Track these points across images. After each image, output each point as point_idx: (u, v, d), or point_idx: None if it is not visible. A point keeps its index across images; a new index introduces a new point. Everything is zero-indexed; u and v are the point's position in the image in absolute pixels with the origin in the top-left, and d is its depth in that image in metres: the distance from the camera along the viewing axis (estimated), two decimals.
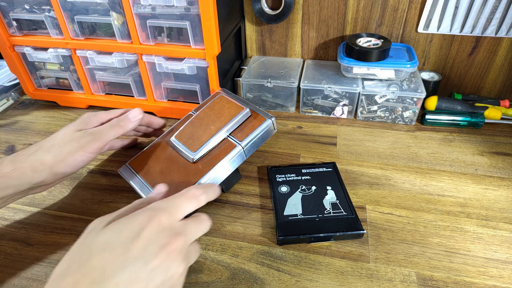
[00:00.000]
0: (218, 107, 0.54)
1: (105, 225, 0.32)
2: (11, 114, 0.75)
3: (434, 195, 0.53)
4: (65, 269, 0.29)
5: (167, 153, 0.53)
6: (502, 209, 0.51)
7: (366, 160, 0.60)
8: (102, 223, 0.32)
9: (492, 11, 0.66)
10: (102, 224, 0.32)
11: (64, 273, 0.29)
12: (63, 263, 0.30)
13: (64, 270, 0.29)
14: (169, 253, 0.30)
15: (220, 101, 0.55)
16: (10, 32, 0.68)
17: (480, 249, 0.45)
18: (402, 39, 0.74)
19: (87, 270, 0.28)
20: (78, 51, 0.67)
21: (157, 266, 0.30)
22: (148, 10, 0.59)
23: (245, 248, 0.46)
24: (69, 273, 0.28)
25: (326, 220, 0.47)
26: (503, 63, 0.72)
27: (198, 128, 0.52)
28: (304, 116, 0.72)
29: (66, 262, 0.30)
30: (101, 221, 0.33)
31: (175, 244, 0.31)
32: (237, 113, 0.52)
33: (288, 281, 0.42)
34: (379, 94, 0.67)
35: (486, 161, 0.60)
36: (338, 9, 0.73)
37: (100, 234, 0.31)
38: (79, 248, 0.31)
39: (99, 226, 0.32)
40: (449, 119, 0.67)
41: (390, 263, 0.44)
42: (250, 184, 0.56)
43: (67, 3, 0.62)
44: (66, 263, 0.30)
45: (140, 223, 0.31)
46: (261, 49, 0.82)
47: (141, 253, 0.29)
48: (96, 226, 0.32)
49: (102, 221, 0.33)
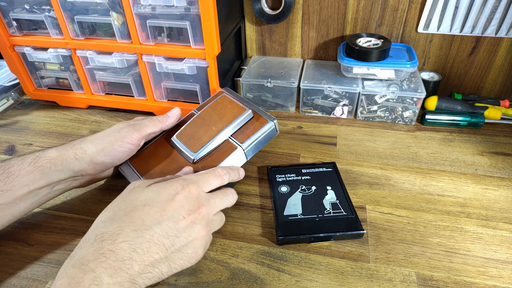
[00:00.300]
0: (221, 107, 0.54)
1: (146, 186, 0.38)
2: (11, 114, 0.75)
3: (434, 195, 0.53)
4: (111, 216, 0.35)
5: (167, 152, 0.52)
6: (502, 209, 0.51)
7: (366, 160, 0.60)
8: (144, 184, 0.38)
9: (492, 11, 0.66)
10: (144, 185, 0.38)
11: (111, 218, 0.34)
12: (108, 211, 0.36)
13: (110, 217, 0.35)
14: (194, 217, 0.36)
15: (222, 101, 0.54)
16: (10, 32, 0.68)
17: (480, 249, 0.45)
18: (402, 39, 0.74)
19: (130, 219, 0.34)
20: (78, 51, 0.67)
21: (183, 226, 0.36)
22: (148, 10, 0.59)
23: (245, 248, 0.46)
24: (115, 219, 0.34)
25: (326, 220, 0.47)
26: (503, 63, 0.72)
27: (200, 128, 0.52)
28: (304, 116, 0.72)
29: (112, 211, 0.36)
30: (143, 183, 0.39)
31: (199, 211, 0.37)
32: (239, 114, 0.52)
33: (288, 281, 0.42)
34: (379, 94, 0.67)
35: (486, 161, 0.60)
36: (338, 9, 0.73)
37: (143, 192, 0.37)
38: (123, 201, 0.36)
39: (141, 186, 0.38)
40: (449, 119, 0.67)
41: (390, 263, 0.44)
42: (250, 184, 0.56)
43: (67, 3, 0.62)
44: (112, 211, 0.35)
45: (175, 188, 0.37)
46: (261, 49, 0.82)
47: (173, 213, 0.35)
48: (137, 186, 0.38)
49: (143, 183, 0.39)
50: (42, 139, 0.67)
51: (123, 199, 0.37)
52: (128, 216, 0.34)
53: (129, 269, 0.31)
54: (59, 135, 0.68)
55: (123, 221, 0.34)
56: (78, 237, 0.48)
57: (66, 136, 0.68)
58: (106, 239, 0.32)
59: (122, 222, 0.34)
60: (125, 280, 0.31)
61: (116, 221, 0.34)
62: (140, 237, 0.33)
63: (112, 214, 0.35)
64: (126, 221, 0.34)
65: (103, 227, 0.34)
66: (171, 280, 0.42)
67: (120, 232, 0.33)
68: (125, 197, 0.37)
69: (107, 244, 0.32)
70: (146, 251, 0.33)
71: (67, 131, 0.69)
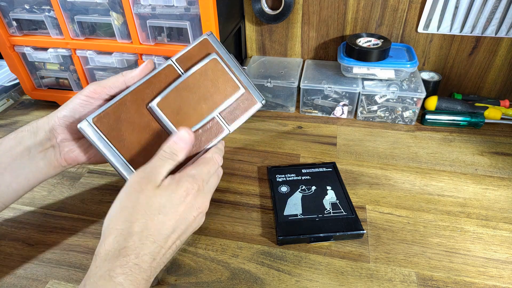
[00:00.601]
0: (212, 77, 0.46)
1: (155, 187, 0.37)
2: (11, 114, 0.75)
3: (434, 195, 0.53)
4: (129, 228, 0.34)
5: (146, 121, 0.44)
6: (502, 209, 0.51)
7: (366, 160, 0.60)
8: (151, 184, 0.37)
9: (492, 11, 0.66)
10: (151, 184, 0.37)
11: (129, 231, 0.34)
12: (123, 221, 0.35)
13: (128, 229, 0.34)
14: (201, 212, 0.39)
15: (214, 68, 0.46)
16: (10, 32, 0.68)
17: (480, 249, 0.45)
18: (402, 39, 0.74)
19: (148, 231, 0.35)
20: (78, 51, 0.67)
21: (191, 222, 0.38)
22: (148, 10, 0.60)
23: (245, 248, 0.46)
24: (134, 232, 0.34)
25: (326, 220, 0.47)
26: (503, 63, 0.72)
27: (187, 101, 0.45)
28: (304, 116, 0.72)
29: (128, 222, 0.35)
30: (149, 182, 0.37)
31: (205, 204, 0.39)
32: (233, 94, 0.47)
33: (288, 281, 0.42)
34: (379, 94, 0.67)
35: (486, 161, 0.60)
36: (338, 9, 0.73)
37: (155, 198, 0.36)
38: (136, 207, 0.35)
39: (150, 186, 0.37)
40: (449, 119, 0.67)
41: (390, 263, 0.44)
42: (250, 184, 0.56)
43: (67, 3, 0.62)
44: (128, 223, 0.35)
45: (185, 190, 0.37)
46: (261, 49, 0.82)
47: (182, 215, 0.37)
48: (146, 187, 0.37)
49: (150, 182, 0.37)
50: None
51: (134, 204, 0.36)
52: (145, 227, 0.35)
53: (148, 277, 0.34)
54: None
55: (142, 234, 0.34)
56: (78, 237, 0.48)
57: None
58: (130, 254, 0.33)
59: (141, 235, 0.34)
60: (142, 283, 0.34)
61: (135, 234, 0.34)
62: (159, 247, 0.35)
63: (128, 225, 0.35)
64: (145, 233, 0.35)
65: (123, 240, 0.34)
66: (171, 280, 0.42)
67: (142, 246, 0.34)
68: (136, 203, 0.36)
69: (132, 259, 0.33)
70: (164, 257, 0.36)
71: None
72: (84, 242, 0.47)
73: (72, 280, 0.43)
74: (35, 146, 0.45)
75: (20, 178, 0.44)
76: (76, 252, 0.46)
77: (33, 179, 0.46)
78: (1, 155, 0.43)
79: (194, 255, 0.45)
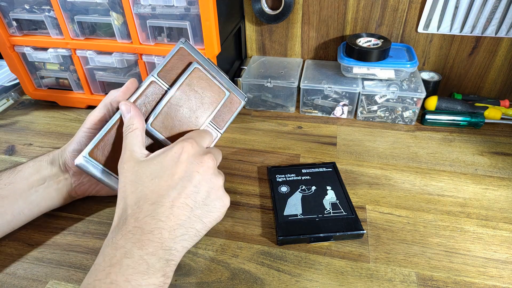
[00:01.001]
0: (198, 87, 0.46)
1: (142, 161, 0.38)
2: (11, 114, 0.75)
3: (434, 195, 0.53)
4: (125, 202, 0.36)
5: None
6: (502, 209, 0.51)
7: (366, 160, 0.60)
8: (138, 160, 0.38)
9: (492, 11, 0.66)
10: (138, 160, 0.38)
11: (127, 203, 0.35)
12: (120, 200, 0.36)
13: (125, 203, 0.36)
14: (206, 168, 0.38)
15: (198, 78, 0.46)
16: (10, 32, 0.68)
17: (480, 249, 0.45)
18: (402, 39, 0.74)
19: (145, 196, 0.35)
20: (78, 51, 0.67)
21: (199, 180, 0.37)
22: (148, 10, 0.60)
23: (245, 248, 0.46)
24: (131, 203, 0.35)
25: (326, 220, 0.47)
26: (503, 63, 0.72)
27: (179, 116, 0.45)
28: (304, 116, 0.72)
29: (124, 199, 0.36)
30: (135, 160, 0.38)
31: (208, 161, 0.38)
32: (220, 100, 0.48)
33: (288, 281, 0.42)
34: (379, 94, 0.67)
35: (486, 161, 0.60)
36: (338, 9, 0.73)
37: (145, 168, 0.37)
38: (130, 184, 0.37)
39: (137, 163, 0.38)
40: (449, 119, 0.67)
41: (390, 263, 0.44)
42: (250, 184, 0.56)
43: (67, 3, 0.62)
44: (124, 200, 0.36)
45: (176, 151, 0.37)
46: (261, 49, 0.82)
47: (184, 173, 0.36)
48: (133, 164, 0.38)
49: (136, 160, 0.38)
50: (42, 139, 0.67)
51: (127, 183, 0.37)
52: (142, 194, 0.35)
53: (159, 238, 0.33)
54: (59, 135, 0.68)
55: (139, 200, 0.35)
56: (78, 237, 0.48)
57: (66, 136, 0.68)
58: (129, 219, 0.34)
59: (138, 201, 0.35)
60: (158, 249, 0.33)
61: (132, 204, 0.35)
62: (160, 207, 0.34)
63: (125, 201, 0.36)
64: (142, 199, 0.35)
65: (123, 212, 0.35)
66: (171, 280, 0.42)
67: (140, 210, 0.34)
68: (129, 181, 0.37)
69: (131, 223, 0.34)
70: (172, 216, 0.35)
71: (67, 131, 0.69)
72: (84, 242, 0.47)
73: (72, 280, 0.43)
74: (51, 176, 0.46)
75: (32, 205, 0.46)
76: (76, 252, 0.46)
77: (44, 207, 0.47)
78: (19, 181, 0.45)
79: (194, 255, 0.45)
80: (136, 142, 0.39)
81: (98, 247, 0.46)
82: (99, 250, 0.45)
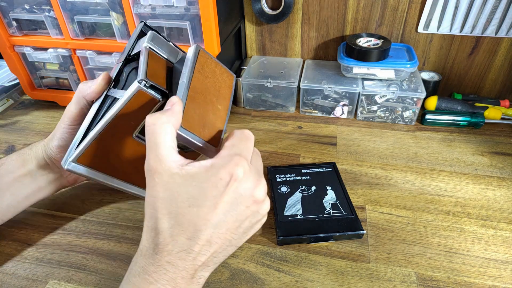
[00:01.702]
0: (210, 72, 0.40)
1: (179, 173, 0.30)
2: (11, 114, 0.75)
3: (434, 195, 0.53)
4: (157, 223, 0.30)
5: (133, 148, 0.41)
6: (502, 209, 0.51)
7: (366, 160, 0.60)
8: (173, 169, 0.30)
9: (492, 11, 0.66)
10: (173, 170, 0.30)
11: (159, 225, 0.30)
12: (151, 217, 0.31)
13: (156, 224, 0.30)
14: (256, 200, 0.31)
15: (207, 63, 0.40)
16: (10, 32, 0.68)
17: (480, 249, 0.45)
18: (402, 39, 0.74)
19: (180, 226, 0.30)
20: (78, 51, 0.67)
21: (246, 215, 0.31)
22: (148, 10, 0.59)
23: (245, 248, 0.46)
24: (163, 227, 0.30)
25: (326, 220, 0.47)
26: (503, 63, 0.71)
27: (204, 108, 0.38)
28: (304, 116, 0.72)
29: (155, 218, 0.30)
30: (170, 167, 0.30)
31: (258, 188, 0.31)
32: (232, 82, 0.42)
33: (288, 281, 0.42)
34: (379, 94, 0.67)
35: (486, 161, 0.60)
36: (338, 9, 0.73)
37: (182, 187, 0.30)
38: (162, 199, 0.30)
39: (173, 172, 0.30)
40: (449, 119, 0.67)
41: (390, 263, 0.44)
42: None
43: (67, 3, 0.62)
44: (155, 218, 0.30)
45: (222, 177, 0.30)
46: (261, 49, 0.82)
47: (230, 207, 0.30)
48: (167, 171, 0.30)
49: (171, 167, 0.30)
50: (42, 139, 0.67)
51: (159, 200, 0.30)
52: (177, 221, 0.30)
53: (191, 274, 0.31)
54: None
55: (173, 229, 0.30)
56: (78, 237, 0.48)
57: None
58: (162, 251, 0.30)
59: (172, 229, 0.30)
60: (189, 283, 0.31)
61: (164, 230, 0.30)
62: (196, 244, 0.30)
63: (156, 222, 0.30)
64: (176, 229, 0.30)
65: (155, 237, 0.30)
66: None
67: (175, 243, 0.30)
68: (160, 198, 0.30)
69: (164, 256, 0.30)
70: (207, 251, 0.31)
71: None
72: (84, 242, 0.47)
73: (72, 280, 0.43)
74: (38, 169, 0.46)
75: (20, 197, 0.45)
76: (76, 252, 0.46)
77: (33, 198, 0.47)
78: (4, 175, 0.44)
79: None
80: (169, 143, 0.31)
81: (98, 247, 0.46)
82: (99, 251, 0.45)
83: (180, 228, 0.30)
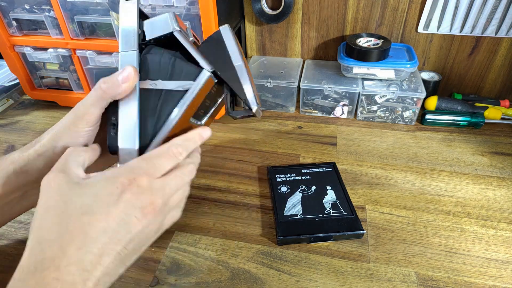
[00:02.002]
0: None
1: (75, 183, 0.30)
2: (11, 114, 0.75)
3: (434, 195, 0.53)
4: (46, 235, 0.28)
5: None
6: (502, 209, 0.51)
7: (366, 160, 0.60)
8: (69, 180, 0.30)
9: (492, 11, 0.66)
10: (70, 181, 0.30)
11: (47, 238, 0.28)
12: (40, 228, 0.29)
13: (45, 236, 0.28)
14: (149, 214, 0.31)
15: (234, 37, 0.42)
16: (10, 32, 0.68)
17: (480, 249, 0.45)
18: (402, 39, 0.74)
19: (70, 236, 0.28)
20: (78, 51, 0.67)
21: (139, 229, 0.30)
22: (148, 10, 0.59)
23: (245, 248, 0.46)
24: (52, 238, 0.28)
25: (326, 220, 0.47)
26: (503, 63, 0.71)
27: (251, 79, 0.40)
28: (304, 116, 0.72)
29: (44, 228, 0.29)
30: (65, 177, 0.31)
31: (154, 205, 0.31)
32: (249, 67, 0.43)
33: (288, 281, 0.42)
34: (379, 94, 0.67)
35: (486, 161, 0.60)
36: (338, 9, 0.73)
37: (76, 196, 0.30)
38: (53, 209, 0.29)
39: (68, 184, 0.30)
40: (449, 119, 0.67)
41: (390, 263, 0.44)
42: (250, 184, 0.56)
43: (67, 3, 0.62)
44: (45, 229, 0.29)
45: (118, 186, 0.30)
46: (261, 49, 0.82)
47: (122, 217, 0.29)
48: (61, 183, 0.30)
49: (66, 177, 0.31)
50: None
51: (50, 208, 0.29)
52: (66, 231, 0.28)
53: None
54: None
55: (62, 240, 0.28)
56: None
57: None
58: (48, 267, 0.27)
59: (61, 241, 0.28)
60: None
61: (54, 241, 0.28)
62: (87, 254, 0.28)
63: (41, 233, 0.28)
64: (66, 239, 0.28)
65: (40, 251, 0.28)
66: (171, 280, 0.42)
67: (63, 255, 0.27)
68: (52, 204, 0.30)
69: (50, 272, 0.27)
70: (99, 266, 0.28)
71: None
72: None
73: None
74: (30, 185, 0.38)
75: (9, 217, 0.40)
76: None
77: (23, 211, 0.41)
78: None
79: (194, 255, 0.45)
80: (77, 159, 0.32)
81: None
82: None
83: (69, 238, 0.28)
